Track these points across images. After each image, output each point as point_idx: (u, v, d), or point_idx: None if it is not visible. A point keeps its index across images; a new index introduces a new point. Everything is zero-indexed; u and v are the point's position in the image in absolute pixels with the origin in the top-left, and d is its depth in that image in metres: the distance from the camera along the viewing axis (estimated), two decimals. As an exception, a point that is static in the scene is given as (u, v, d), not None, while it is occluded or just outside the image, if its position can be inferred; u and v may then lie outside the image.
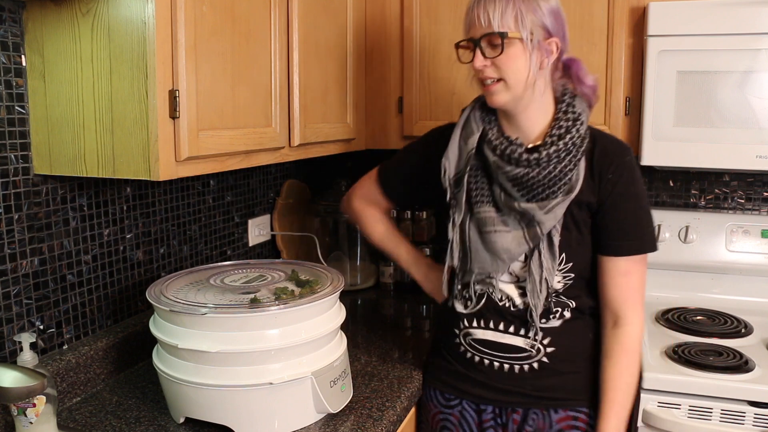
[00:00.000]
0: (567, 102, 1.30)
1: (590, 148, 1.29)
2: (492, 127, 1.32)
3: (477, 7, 1.24)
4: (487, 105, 1.34)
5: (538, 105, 1.29)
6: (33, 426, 1.10)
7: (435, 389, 1.45)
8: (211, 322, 1.14)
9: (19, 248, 1.24)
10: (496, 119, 1.34)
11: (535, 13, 1.22)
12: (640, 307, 1.32)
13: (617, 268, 1.30)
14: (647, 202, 1.32)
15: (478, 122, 1.34)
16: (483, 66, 1.25)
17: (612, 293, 1.32)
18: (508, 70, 1.24)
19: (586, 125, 1.29)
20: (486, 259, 1.30)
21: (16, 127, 1.21)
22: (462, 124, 1.36)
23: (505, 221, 1.29)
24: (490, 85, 1.26)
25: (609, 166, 1.28)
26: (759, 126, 1.64)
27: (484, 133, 1.32)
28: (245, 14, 1.31)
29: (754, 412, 1.44)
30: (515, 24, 1.22)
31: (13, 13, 1.19)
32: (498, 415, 1.38)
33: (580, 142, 1.27)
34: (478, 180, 1.33)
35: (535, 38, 1.23)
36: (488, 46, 1.24)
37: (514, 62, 1.23)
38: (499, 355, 1.35)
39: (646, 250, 1.31)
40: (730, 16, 1.62)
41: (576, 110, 1.29)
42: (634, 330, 1.31)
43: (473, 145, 1.32)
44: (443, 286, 1.40)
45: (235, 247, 1.92)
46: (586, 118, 1.30)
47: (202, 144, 1.19)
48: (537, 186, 1.25)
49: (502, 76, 1.24)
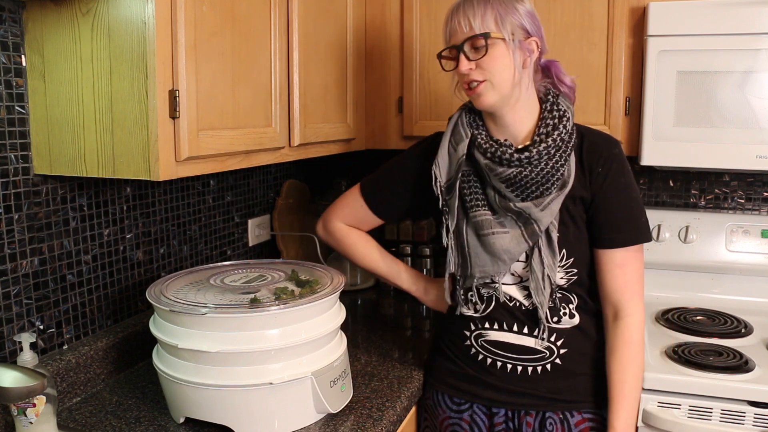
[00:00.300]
0: (551, 101, 1.32)
1: (578, 144, 1.32)
2: (480, 131, 1.33)
3: (456, 15, 1.28)
4: (473, 111, 1.37)
5: (524, 104, 1.31)
6: (33, 426, 1.10)
7: (443, 393, 1.43)
8: (211, 322, 1.14)
9: (19, 248, 1.24)
10: (483, 124, 1.36)
11: (513, 15, 1.26)
12: (639, 298, 1.32)
13: (613, 260, 1.31)
14: (638, 193, 1.34)
15: (466, 128, 1.35)
16: (468, 69, 1.26)
17: (610, 286, 1.32)
18: (493, 70, 1.26)
19: (573, 121, 1.32)
20: (486, 261, 1.30)
21: (16, 127, 1.21)
22: (450, 131, 1.38)
23: (501, 223, 1.30)
24: (476, 88, 1.27)
25: (598, 159, 1.30)
26: (759, 126, 1.64)
27: (473, 138, 1.33)
28: (245, 14, 1.31)
29: (754, 412, 1.44)
30: (496, 25, 1.25)
31: (13, 13, 1.19)
32: (510, 419, 1.37)
33: (568, 137, 1.29)
34: (471, 185, 1.33)
35: (516, 38, 1.26)
36: (471, 49, 1.26)
37: (498, 62, 1.26)
38: (511, 357, 1.34)
39: (640, 240, 1.31)
40: (730, 16, 1.62)
41: (561, 107, 1.32)
42: (634, 321, 1.31)
43: (464, 151, 1.33)
44: (446, 293, 1.39)
45: (235, 247, 1.92)
46: (571, 114, 1.32)
47: (202, 144, 1.19)
48: (531, 184, 1.26)
49: (487, 77, 1.26)
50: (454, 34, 1.28)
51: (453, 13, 1.29)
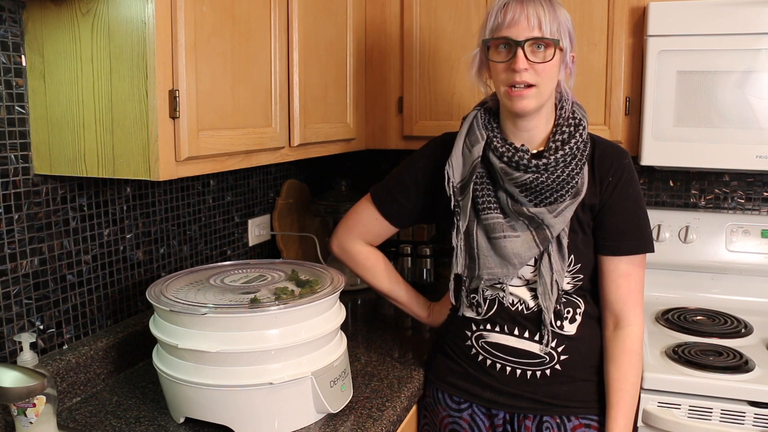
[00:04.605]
0: (565, 108, 1.32)
1: (591, 152, 1.31)
2: (495, 134, 1.32)
3: (522, 8, 1.21)
4: (489, 112, 1.36)
5: (545, 111, 1.30)
6: (33, 426, 1.10)
7: (443, 392, 1.43)
8: (211, 322, 1.14)
9: (19, 248, 1.24)
10: (498, 126, 1.34)
11: (567, 25, 1.25)
12: (639, 309, 1.33)
13: (618, 270, 1.31)
14: (644, 204, 1.34)
15: (482, 129, 1.33)
16: (524, 69, 1.21)
17: (613, 295, 1.32)
18: (546, 78, 1.23)
19: (587, 130, 1.32)
20: (496, 264, 1.30)
21: (16, 127, 1.21)
22: (466, 131, 1.36)
23: (513, 226, 1.29)
24: (523, 90, 1.23)
25: (609, 168, 1.30)
26: (759, 126, 1.64)
27: (488, 140, 1.31)
28: (245, 14, 1.31)
29: (754, 412, 1.44)
30: (559, 33, 1.23)
31: (13, 13, 1.19)
32: (509, 421, 1.37)
33: (583, 146, 1.29)
34: (484, 187, 1.32)
35: (567, 49, 1.25)
36: (532, 49, 1.22)
37: (552, 71, 1.24)
38: (512, 360, 1.34)
39: (645, 250, 1.32)
40: (730, 16, 1.62)
41: (577, 115, 1.31)
42: (635, 331, 1.32)
43: (479, 153, 1.31)
44: (450, 294, 1.39)
45: (235, 247, 1.92)
46: (587, 123, 1.32)
47: (202, 144, 1.19)
48: (545, 190, 1.26)
49: (538, 83, 1.23)
50: (514, 25, 1.21)
51: (516, 3, 1.21)
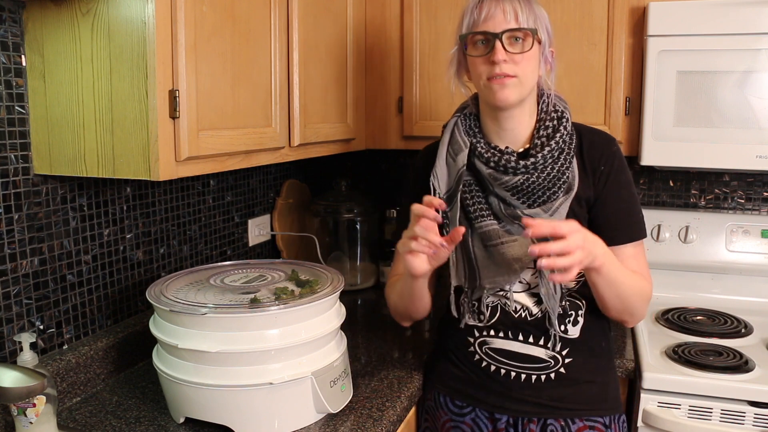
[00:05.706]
0: (546, 102, 1.31)
1: (578, 144, 1.31)
2: (478, 139, 1.31)
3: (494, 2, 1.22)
4: (468, 117, 1.34)
5: (527, 107, 1.30)
6: (33, 426, 1.10)
7: (444, 395, 1.42)
8: (211, 322, 1.14)
9: (19, 248, 1.24)
10: (479, 131, 1.33)
11: (544, 21, 1.26)
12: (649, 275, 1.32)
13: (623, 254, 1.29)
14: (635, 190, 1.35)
15: (464, 136, 1.32)
16: (503, 60, 1.21)
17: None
18: (526, 69, 1.24)
19: (571, 121, 1.31)
20: (496, 272, 1.29)
21: (16, 127, 1.21)
22: (448, 140, 1.34)
23: (508, 231, 1.28)
24: (504, 78, 1.22)
25: (600, 158, 1.30)
26: (759, 126, 1.64)
27: (472, 147, 1.30)
28: (245, 14, 1.31)
29: (754, 412, 1.44)
30: (536, 24, 1.24)
31: (13, 13, 1.19)
32: (512, 425, 1.35)
33: (569, 138, 1.28)
34: (473, 194, 1.30)
35: (546, 43, 1.26)
36: (510, 41, 1.22)
37: (532, 62, 1.25)
38: (516, 365, 1.33)
39: (641, 236, 1.32)
40: (731, 16, 1.62)
41: (558, 108, 1.31)
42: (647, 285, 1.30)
43: (464, 162, 1.30)
44: (451, 306, 1.37)
45: (235, 247, 1.92)
46: (569, 114, 1.31)
47: (202, 144, 1.19)
48: (537, 190, 1.25)
49: (518, 73, 1.23)
50: (490, 19, 1.22)
51: None
